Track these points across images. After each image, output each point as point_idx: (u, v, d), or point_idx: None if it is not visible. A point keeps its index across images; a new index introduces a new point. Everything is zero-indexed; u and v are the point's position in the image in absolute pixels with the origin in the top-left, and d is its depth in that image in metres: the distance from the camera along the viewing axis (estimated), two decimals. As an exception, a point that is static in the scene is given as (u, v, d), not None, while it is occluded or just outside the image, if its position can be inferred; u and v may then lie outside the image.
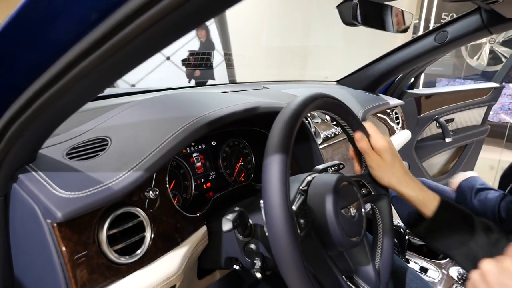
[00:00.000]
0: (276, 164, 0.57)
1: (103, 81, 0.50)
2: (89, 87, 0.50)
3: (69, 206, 0.57)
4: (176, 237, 0.76)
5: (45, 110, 0.52)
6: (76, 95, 0.51)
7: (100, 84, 0.51)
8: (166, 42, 0.44)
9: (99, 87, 0.52)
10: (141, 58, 0.46)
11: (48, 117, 0.55)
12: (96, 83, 0.49)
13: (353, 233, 0.70)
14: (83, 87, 0.49)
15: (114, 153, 0.69)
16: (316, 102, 0.71)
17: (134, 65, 0.48)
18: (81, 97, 0.53)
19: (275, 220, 0.55)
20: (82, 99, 0.54)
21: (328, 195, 0.68)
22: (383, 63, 1.94)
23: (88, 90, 0.51)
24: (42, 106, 0.51)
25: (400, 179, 0.83)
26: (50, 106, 0.52)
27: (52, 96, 0.49)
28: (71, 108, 0.55)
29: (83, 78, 0.46)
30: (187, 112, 0.78)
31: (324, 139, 1.23)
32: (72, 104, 0.54)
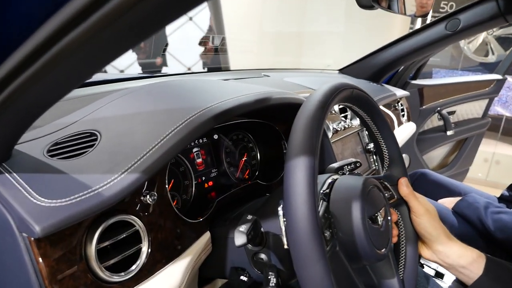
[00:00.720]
0: (302, 168, 0.48)
1: (89, 66, 0.39)
2: (71, 72, 0.39)
3: (49, 218, 0.46)
4: (177, 246, 0.66)
5: (19, 99, 0.41)
6: (55, 82, 0.40)
7: (84, 69, 0.40)
8: (162, 18, 0.34)
9: (84, 72, 0.41)
10: (132, 39, 0.36)
11: (23, 107, 0.45)
12: (79, 67, 0.39)
13: (380, 245, 0.61)
14: (64, 71, 0.38)
15: (105, 151, 0.58)
16: (343, 93, 0.61)
17: (123, 47, 0.37)
18: (61, 85, 0.42)
19: (301, 239, 0.45)
20: (64, 87, 0.43)
21: (355, 201, 0.59)
22: (389, 52, 1.85)
23: (70, 75, 0.40)
24: (14, 94, 0.40)
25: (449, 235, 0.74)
26: (24, 95, 0.41)
27: (25, 82, 0.38)
28: (50, 97, 0.45)
29: (63, 60, 0.36)
30: (190, 102, 0.67)
31: (334, 133, 1.13)
32: (52, 93, 0.43)
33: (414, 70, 2.19)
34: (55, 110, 0.77)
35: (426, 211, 0.73)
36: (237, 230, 0.55)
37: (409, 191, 0.75)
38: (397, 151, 0.78)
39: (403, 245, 0.77)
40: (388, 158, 0.78)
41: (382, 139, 0.77)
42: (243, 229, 0.55)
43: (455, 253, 0.72)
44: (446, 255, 0.72)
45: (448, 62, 4.50)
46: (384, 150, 0.78)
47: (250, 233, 0.56)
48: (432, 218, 0.73)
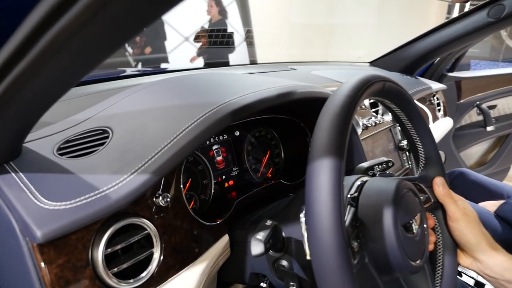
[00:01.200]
0: (326, 172, 0.42)
1: (82, 61, 0.36)
2: (65, 67, 0.36)
3: (52, 222, 0.43)
4: (192, 250, 0.62)
5: (17, 95, 0.38)
6: (51, 77, 0.37)
7: (79, 65, 0.36)
8: None
9: (80, 68, 0.37)
10: (132, 27, 0.31)
11: (24, 103, 0.41)
12: (73, 62, 0.35)
13: (415, 256, 0.55)
14: (58, 66, 0.35)
15: (116, 149, 0.55)
16: (374, 86, 0.55)
17: (124, 37, 0.33)
18: (58, 80, 0.39)
19: (325, 254, 0.40)
20: (61, 83, 0.40)
21: (387, 207, 0.52)
22: (424, 42, 1.74)
23: (65, 70, 0.36)
24: (10, 88, 0.37)
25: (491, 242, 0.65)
26: (21, 90, 0.38)
27: (20, 76, 0.35)
28: (49, 93, 0.41)
29: (54, 53, 0.32)
30: (207, 97, 0.63)
31: (364, 129, 1.06)
32: (50, 88, 0.40)
33: (451, 62, 2.06)
34: (70, 106, 0.75)
35: (464, 215, 0.65)
36: (254, 237, 0.51)
37: (445, 192, 0.67)
38: (434, 149, 0.71)
39: (441, 253, 0.70)
40: (424, 157, 0.71)
41: (417, 136, 0.70)
42: (261, 237, 0.50)
43: (499, 265, 0.64)
44: (489, 267, 0.64)
45: (488, 53, 4.25)
46: (420, 148, 0.71)
47: (268, 241, 0.51)
48: (471, 223, 0.65)
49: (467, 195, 1.06)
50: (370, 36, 3.51)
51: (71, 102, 0.77)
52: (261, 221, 0.56)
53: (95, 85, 0.88)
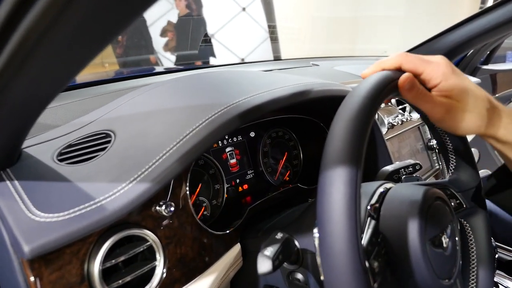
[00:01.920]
0: (340, 186, 0.37)
1: (65, 61, 0.32)
2: (49, 67, 0.32)
3: (42, 236, 0.40)
4: (201, 262, 0.58)
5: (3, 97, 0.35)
6: (35, 78, 0.33)
7: (62, 65, 0.33)
8: None
9: (63, 70, 0.34)
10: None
11: (13, 107, 0.38)
12: (56, 62, 0.31)
13: (445, 274, 0.49)
14: (39, 65, 0.31)
15: (116, 155, 0.51)
16: (394, 84, 0.49)
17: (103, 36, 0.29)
18: (44, 82, 0.35)
19: (339, 278, 0.35)
20: (48, 84, 0.36)
21: (412, 220, 0.47)
22: (456, 34, 1.63)
23: (49, 71, 0.33)
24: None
25: (493, 120, 0.51)
26: (6, 92, 0.35)
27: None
28: (37, 96, 0.38)
29: (32, 51, 0.29)
30: (215, 98, 0.58)
31: (389, 128, 0.99)
32: (36, 91, 0.37)
33: (486, 54, 1.93)
34: (79, 107, 0.73)
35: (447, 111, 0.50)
36: (261, 253, 0.46)
37: (412, 95, 0.49)
38: (466, 150, 0.64)
39: (474, 267, 0.63)
40: (454, 159, 0.64)
41: (446, 136, 0.63)
42: (269, 253, 0.46)
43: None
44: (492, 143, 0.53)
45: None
46: (450, 149, 0.64)
47: (277, 257, 0.46)
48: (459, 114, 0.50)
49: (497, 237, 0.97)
50: (397, 29, 3.37)
51: (81, 103, 0.74)
52: (272, 234, 0.51)
53: (105, 86, 0.85)
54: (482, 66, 1.96)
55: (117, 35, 0.31)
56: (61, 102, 0.73)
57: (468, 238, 0.64)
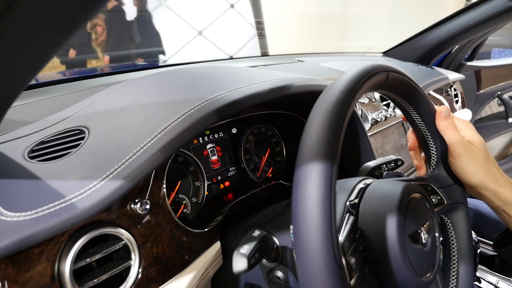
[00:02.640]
0: (315, 181, 0.36)
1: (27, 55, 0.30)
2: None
3: (7, 236, 0.38)
4: (179, 261, 0.57)
5: None
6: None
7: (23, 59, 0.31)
8: None
9: (30, 62, 0.32)
10: None
11: None
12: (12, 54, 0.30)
13: (424, 269, 0.49)
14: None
15: (89, 152, 0.50)
16: (374, 78, 0.48)
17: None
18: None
19: (312, 276, 0.34)
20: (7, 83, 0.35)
21: (391, 215, 0.46)
22: (441, 30, 1.64)
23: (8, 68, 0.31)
24: None
25: (496, 176, 0.58)
26: None
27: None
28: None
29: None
30: (192, 93, 0.57)
31: (373, 124, 0.99)
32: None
33: (470, 51, 1.95)
34: (53, 103, 0.71)
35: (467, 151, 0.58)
36: (236, 252, 0.45)
37: (447, 124, 0.59)
38: (447, 146, 0.64)
39: (455, 263, 0.63)
40: (435, 155, 0.64)
41: (428, 132, 0.63)
42: (245, 251, 0.45)
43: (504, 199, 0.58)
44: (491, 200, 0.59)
45: (510, 40, 4.06)
46: (431, 145, 0.64)
47: (253, 256, 0.45)
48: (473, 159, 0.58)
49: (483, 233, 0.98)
50: (384, 26, 3.38)
51: (56, 99, 0.72)
52: (249, 231, 0.50)
53: (81, 82, 0.83)
54: (467, 62, 1.98)
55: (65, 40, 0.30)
56: (35, 98, 0.71)
57: (449, 234, 0.64)
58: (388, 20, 3.42)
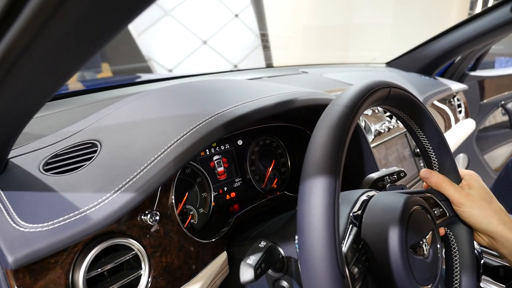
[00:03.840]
0: (319, 194, 0.38)
1: (51, 70, 0.33)
2: (33, 78, 0.33)
3: (26, 247, 0.40)
4: (187, 270, 0.58)
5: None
6: (19, 88, 0.34)
7: (48, 73, 0.33)
8: None
9: (52, 79, 0.35)
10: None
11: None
12: (40, 71, 0.32)
13: (426, 280, 0.50)
14: (21, 77, 0.32)
15: (102, 165, 0.52)
16: (376, 94, 0.50)
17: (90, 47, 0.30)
18: (29, 92, 0.36)
19: (316, 285, 0.36)
20: (33, 97, 0.37)
21: (393, 227, 0.48)
22: (444, 41, 1.66)
23: (33, 82, 0.34)
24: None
25: (505, 220, 0.59)
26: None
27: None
28: (23, 106, 0.39)
29: (15, 62, 0.30)
30: (200, 108, 0.59)
31: (376, 135, 1.00)
32: (22, 102, 0.37)
33: (473, 61, 1.97)
34: (67, 116, 0.73)
35: (467, 197, 0.60)
36: (243, 262, 0.47)
37: (437, 180, 0.61)
38: (450, 159, 0.65)
39: (457, 273, 0.64)
40: (438, 168, 0.66)
41: (429, 145, 0.64)
42: (251, 262, 0.46)
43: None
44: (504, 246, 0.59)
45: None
46: (433, 159, 0.65)
47: (260, 266, 0.47)
48: (477, 203, 0.59)
49: None
50: (387, 36, 3.41)
51: (67, 112, 0.75)
52: (255, 241, 0.52)
53: (89, 95, 0.86)
54: (470, 72, 2.00)
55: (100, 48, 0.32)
56: (47, 111, 0.74)
57: (452, 245, 0.65)
58: (391, 30, 3.44)
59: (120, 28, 0.29)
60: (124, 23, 0.29)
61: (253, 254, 0.48)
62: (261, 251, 0.49)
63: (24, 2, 0.24)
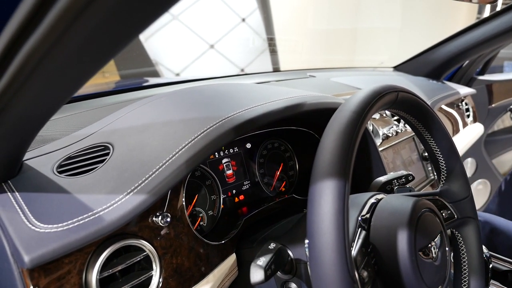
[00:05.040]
0: (329, 199, 0.38)
1: (68, 75, 0.34)
2: (51, 82, 0.34)
3: (41, 247, 0.42)
4: (197, 272, 0.59)
5: (5, 112, 0.37)
6: (38, 93, 0.35)
7: (65, 78, 0.34)
8: None
9: (66, 82, 0.36)
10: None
11: (15, 121, 0.40)
12: (58, 76, 0.33)
13: (435, 283, 0.50)
14: (42, 80, 0.33)
15: (114, 167, 0.53)
16: (385, 99, 0.50)
17: (107, 50, 0.31)
18: (47, 96, 0.37)
19: None
20: (50, 99, 0.38)
21: (402, 230, 0.48)
22: (452, 45, 1.65)
23: (51, 85, 0.35)
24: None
25: None
26: (9, 106, 0.36)
27: (4, 93, 0.34)
28: (40, 110, 0.40)
29: (35, 68, 0.31)
30: (210, 111, 0.60)
31: (384, 139, 1.01)
32: (39, 106, 0.38)
33: (482, 65, 1.96)
34: (78, 120, 0.75)
35: None
36: (253, 263, 0.47)
37: None
38: (457, 162, 0.65)
39: (466, 276, 0.64)
40: (445, 171, 0.66)
41: (437, 148, 0.65)
42: (262, 263, 0.47)
43: None
44: None
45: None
46: (441, 162, 0.65)
47: (270, 267, 0.47)
48: None
49: (497, 248, 0.96)
50: (394, 40, 3.40)
51: (80, 116, 0.76)
52: (265, 243, 0.52)
53: (104, 98, 0.87)
54: (478, 76, 1.99)
55: (116, 53, 0.33)
56: (61, 115, 0.75)
57: (460, 248, 0.66)
58: (398, 34, 3.44)
59: (136, 33, 0.30)
60: (140, 29, 0.30)
61: (263, 255, 0.49)
62: (270, 253, 0.49)
63: (45, 11, 0.25)
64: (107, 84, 1.23)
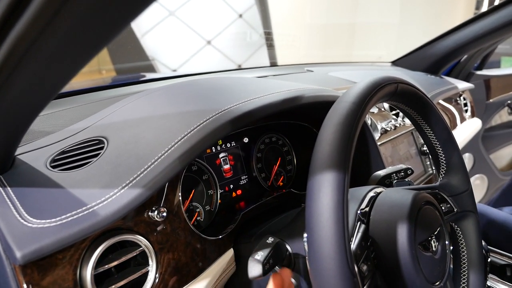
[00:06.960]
0: (328, 191, 0.37)
1: (61, 67, 0.33)
2: (40, 72, 0.33)
3: (33, 242, 0.40)
4: (194, 267, 0.58)
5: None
6: (27, 85, 0.34)
7: (54, 71, 0.33)
8: None
9: (56, 75, 0.35)
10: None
11: (5, 114, 0.39)
12: (47, 67, 0.32)
13: (435, 277, 0.50)
14: (31, 72, 0.32)
15: (109, 161, 0.52)
16: (384, 90, 0.50)
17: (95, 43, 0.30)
18: (36, 90, 0.36)
19: (326, 283, 0.35)
20: (40, 92, 0.37)
21: (401, 224, 0.47)
22: (450, 39, 1.65)
23: (41, 76, 0.34)
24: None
25: None
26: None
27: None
28: (30, 102, 0.39)
29: (22, 58, 0.29)
30: (207, 104, 0.59)
31: (382, 133, 1.00)
32: (30, 98, 0.37)
33: (480, 60, 1.95)
34: (72, 114, 0.73)
35: None
36: (251, 258, 0.46)
37: None
38: (457, 154, 0.65)
39: (465, 270, 0.64)
40: (445, 164, 0.65)
41: (437, 141, 0.64)
42: (259, 257, 0.46)
43: None
44: None
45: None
46: (440, 154, 0.65)
47: (268, 261, 0.46)
48: None
49: (491, 240, 0.96)
50: (392, 35, 3.39)
51: (74, 110, 0.75)
52: (263, 238, 0.52)
53: (95, 93, 0.86)
54: (476, 71, 1.98)
55: (106, 44, 0.32)
56: (54, 109, 0.74)
57: (459, 241, 0.65)
58: (397, 29, 3.43)
59: (124, 25, 0.29)
60: (125, 23, 0.29)
61: (260, 249, 0.48)
62: (268, 247, 0.48)
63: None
64: (103, 80, 1.22)
